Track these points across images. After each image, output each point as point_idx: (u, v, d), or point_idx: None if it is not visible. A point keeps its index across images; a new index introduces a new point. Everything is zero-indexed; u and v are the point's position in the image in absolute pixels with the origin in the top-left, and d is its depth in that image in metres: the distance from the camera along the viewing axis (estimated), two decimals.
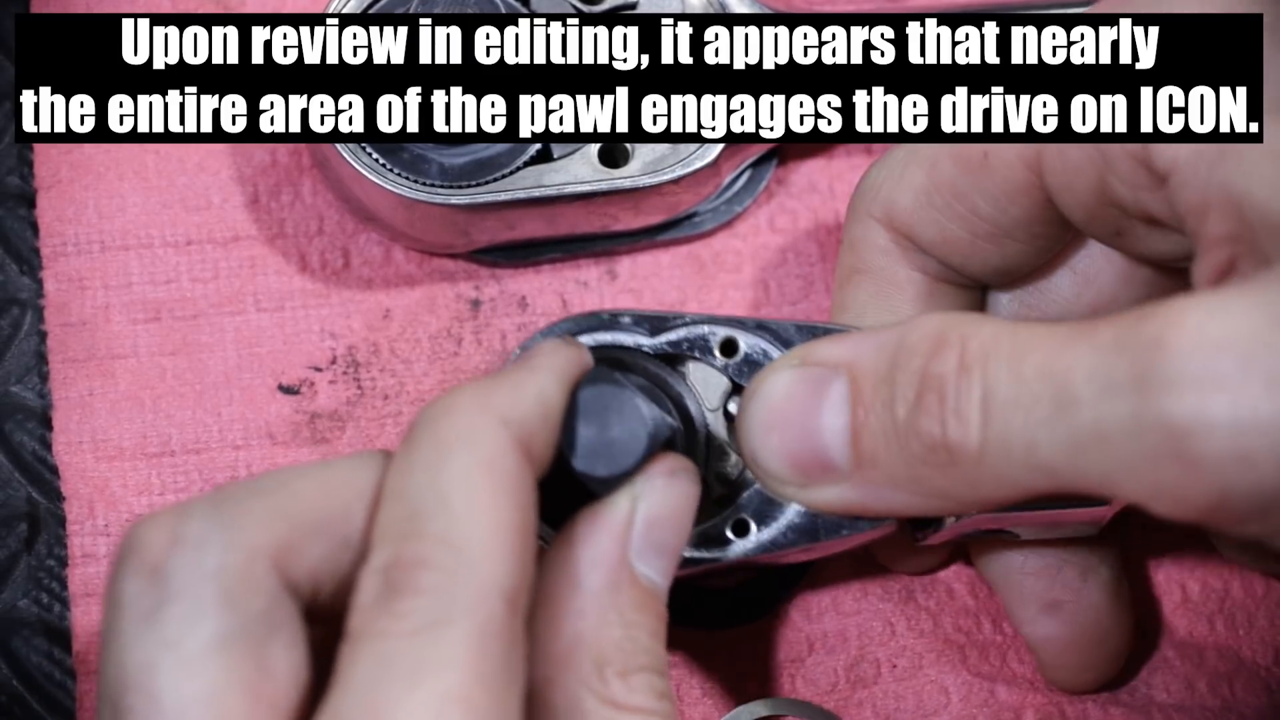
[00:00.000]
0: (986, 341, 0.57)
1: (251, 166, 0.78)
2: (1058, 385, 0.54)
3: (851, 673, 0.75)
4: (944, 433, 0.57)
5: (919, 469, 0.59)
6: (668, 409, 0.63)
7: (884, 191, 0.66)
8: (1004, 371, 0.56)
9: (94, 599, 0.73)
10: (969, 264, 0.66)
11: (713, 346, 0.66)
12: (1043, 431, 0.55)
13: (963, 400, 0.56)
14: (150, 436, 0.75)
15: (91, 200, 0.77)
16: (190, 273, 0.77)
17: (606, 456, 0.60)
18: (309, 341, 0.77)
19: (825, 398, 0.61)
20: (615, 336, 0.66)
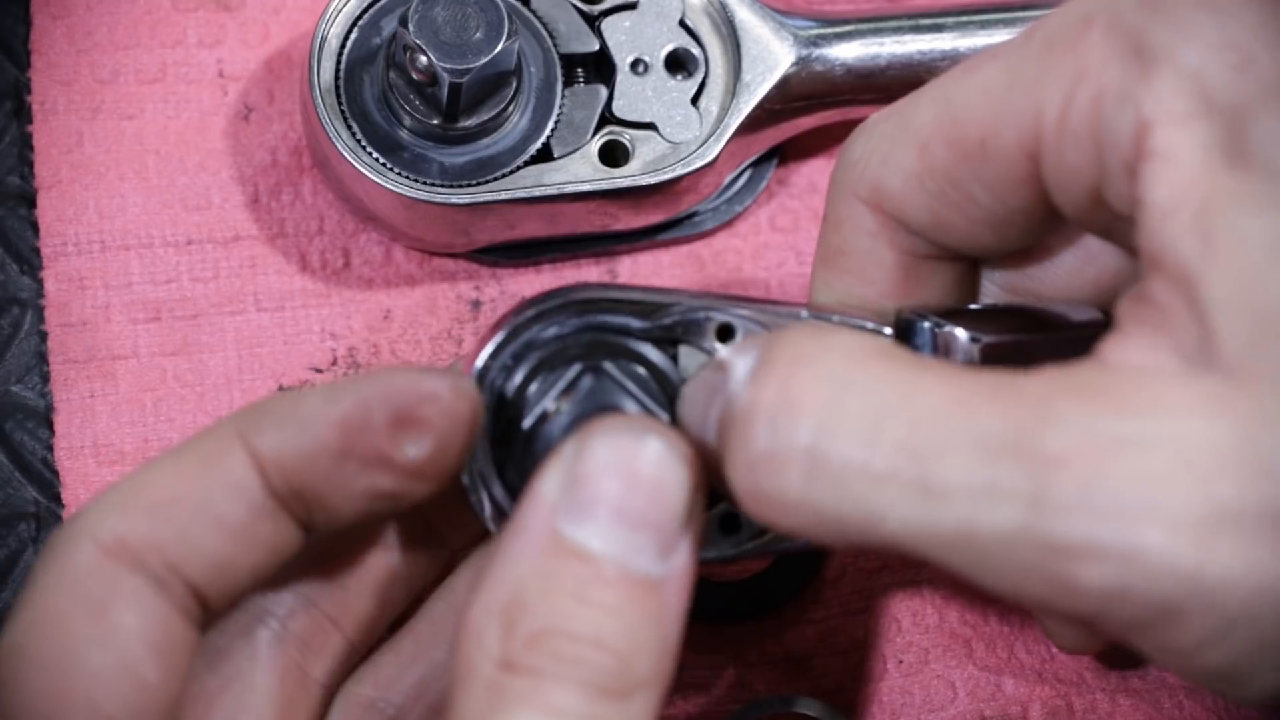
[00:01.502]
0: (835, 382, 0.51)
1: (252, 166, 0.78)
2: (924, 469, 0.49)
3: (858, 669, 0.75)
4: (750, 487, 0.52)
5: (756, 508, 0.53)
6: (660, 402, 0.60)
7: (870, 172, 0.61)
8: (853, 432, 0.50)
9: None
10: (964, 245, 0.62)
11: (708, 331, 0.60)
12: (896, 510, 0.50)
13: (780, 444, 0.51)
14: (151, 440, 0.75)
15: (92, 200, 0.77)
16: (191, 272, 0.77)
17: None
18: (309, 342, 0.77)
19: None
20: (603, 318, 0.60)
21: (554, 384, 0.59)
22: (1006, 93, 0.56)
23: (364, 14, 0.75)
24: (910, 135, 0.60)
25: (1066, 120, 0.55)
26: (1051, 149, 0.56)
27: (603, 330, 0.59)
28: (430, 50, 0.71)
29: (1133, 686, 0.75)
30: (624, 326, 0.59)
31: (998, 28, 0.77)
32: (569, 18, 0.76)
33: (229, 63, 0.79)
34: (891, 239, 0.62)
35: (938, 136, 0.59)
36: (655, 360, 0.59)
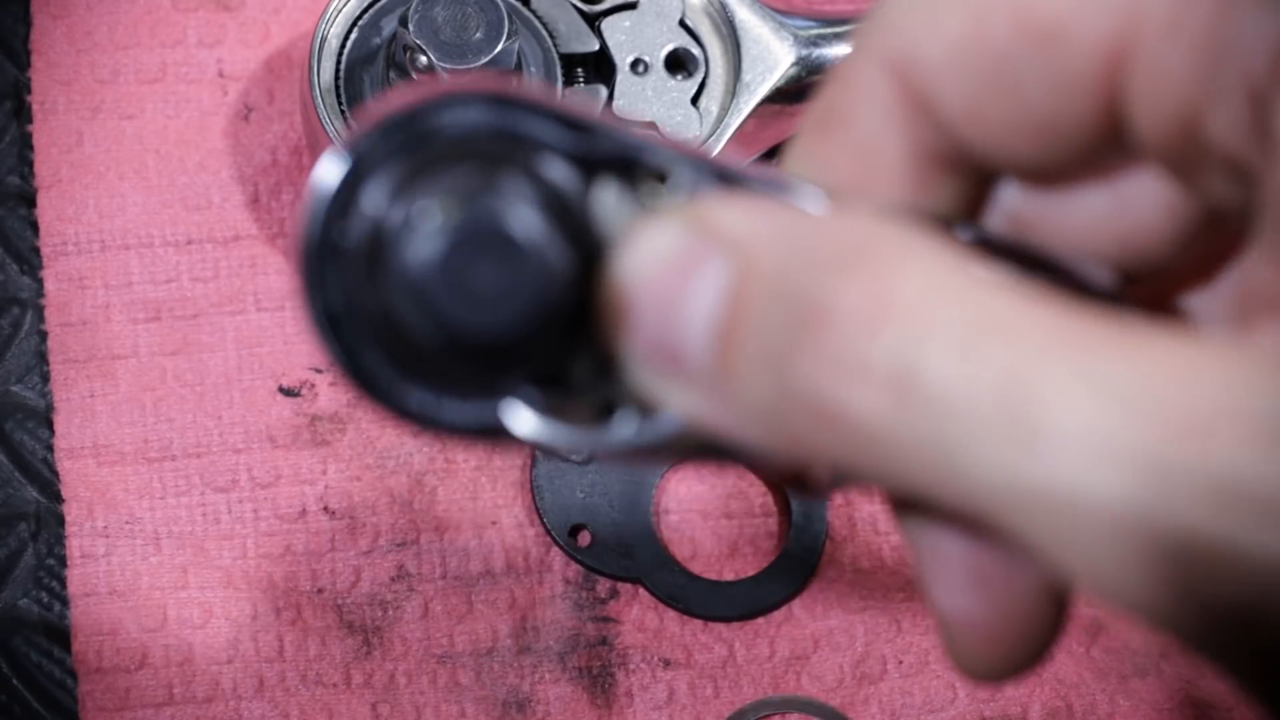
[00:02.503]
0: (936, 298, 0.40)
1: (252, 166, 0.78)
2: (1035, 413, 0.39)
3: (857, 669, 0.75)
4: (831, 392, 0.40)
5: (792, 415, 0.42)
6: (561, 233, 0.42)
7: (905, 32, 0.47)
8: (952, 358, 0.39)
9: (93, 599, 0.73)
10: (992, 148, 0.47)
11: (641, 172, 0.44)
12: (987, 455, 0.39)
13: (867, 359, 0.40)
14: (151, 440, 0.75)
15: (92, 199, 0.77)
16: (191, 272, 0.76)
17: (479, 302, 0.41)
18: (309, 342, 0.76)
19: (697, 276, 0.42)
20: (520, 124, 0.44)
21: (430, 186, 0.42)
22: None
23: (364, 14, 0.75)
24: (972, 5, 0.46)
25: (1180, 20, 0.44)
26: (1146, 51, 0.45)
27: (513, 137, 0.43)
28: (430, 50, 0.71)
29: (1132, 688, 0.75)
30: (539, 138, 0.43)
31: None
32: (569, 18, 0.76)
33: (229, 63, 0.79)
34: (905, 122, 0.48)
35: (1004, 6, 0.46)
36: (562, 182, 0.43)
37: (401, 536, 0.75)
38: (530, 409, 0.41)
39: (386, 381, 0.41)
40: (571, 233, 0.42)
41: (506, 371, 0.41)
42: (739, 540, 0.76)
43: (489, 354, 0.40)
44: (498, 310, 0.40)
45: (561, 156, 0.43)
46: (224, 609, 0.73)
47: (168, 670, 0.72)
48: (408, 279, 0.40)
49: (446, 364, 0.41)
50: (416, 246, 0.40)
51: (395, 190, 0.41)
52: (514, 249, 0.40)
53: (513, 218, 0.40)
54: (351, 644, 0.74)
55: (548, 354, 0.41)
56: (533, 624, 0.74)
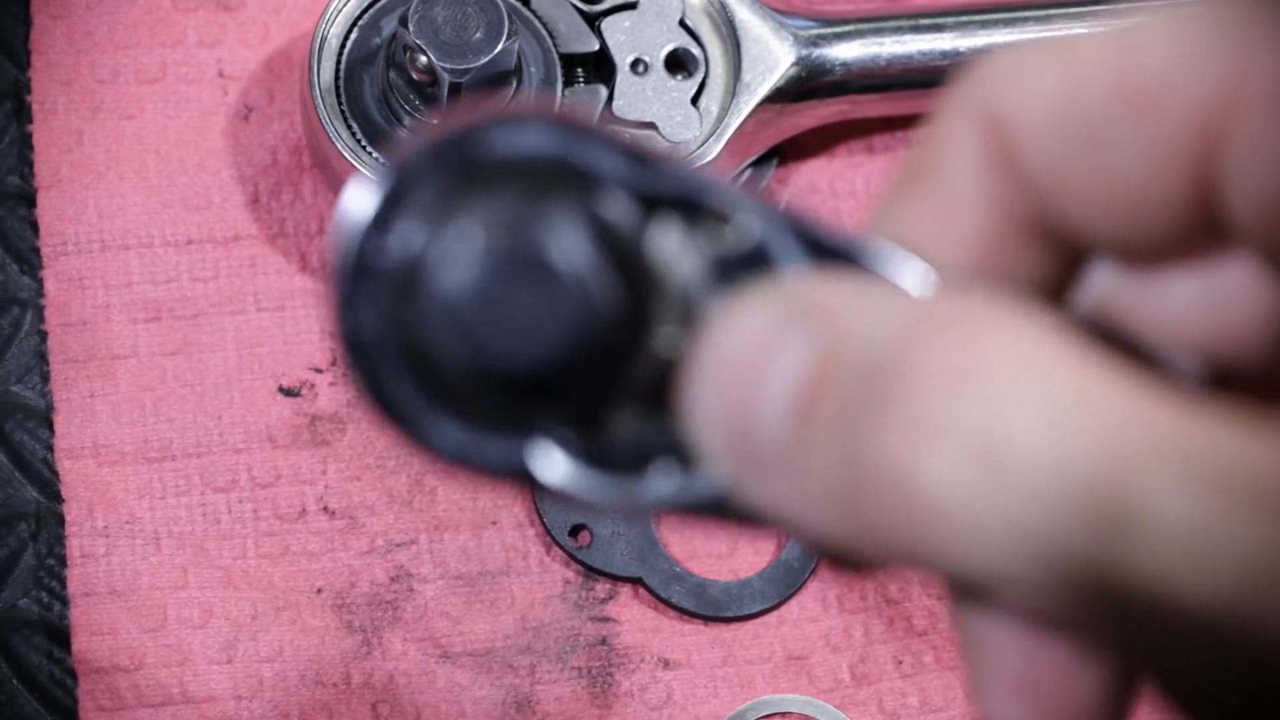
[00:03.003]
0: (1027, 366, 0.37)
1: (252, 166, 0.77)
2: (1127, 509, 0.35)
3: (857, 670, 0.75)
4: (905, 456, 0.37)
5: (859, 488, 0.38)
6: (617, 274, 0.40)
7: (999, 87, 0.43)
8: (1042, 430, 0.36)
9: (93, 598, 0.73)
10: (1078, 222, 0.44)
11: (704, 210, 0.41)
12: (1068, 550, 0.35)
13: (946, 422, 0.37)
14: (151, 440, 0.74)
15: (92, 200, 0.76)
16: (191, 272, 0.76)
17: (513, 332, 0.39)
18: (309, 342, 0.76)
19: (781, 353, 0.39)
20: (579, 152, 0.41)
21: (474, 209, 0.39)
22: (1205, 37, 0.42)
23: (364, 14, 0.75)
24: (1069, 59, 0.43)
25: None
26: (1245, 126, 0.41)
27: (570, 165, 0.40)
28: (430, 50, 0.71)
29: None
30: (598, 169, 0.40)
31: (998, 28, 0.77)
32: (569, 18, 0.76)
33: (229, 63, 0.78)
34: (993, 181, 0.44)
35: (1102, 70, 0.43)
36: (618, 218, 0.40)
37: (401, 536, 0.75)
38: (563, 453, 0.39)
39: (414, 413, 0.39)
40: (624, 270, 0.40)
41: (540, 409, 0.39)
42: (738, 540, 0.76)
43: (521, 387, 0.38)
44: (533, 340, 0.38)
45: (620, 191, 0.40)
46: (224, 609, 0.73)
47: (167, 670, 0.72)
48: (443, 303, 0.38)
49: (477, 397, 0.39)
50: (454, 270, 0.38)
51: (438, 211, 0.39)
52: (556, 279, 0.38)
53: (558, 246, 0.38)
54: (351, 644, 0.73)
55: (586, 393, 0.39)
56: (532, 624, 0.74)
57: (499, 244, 0.38)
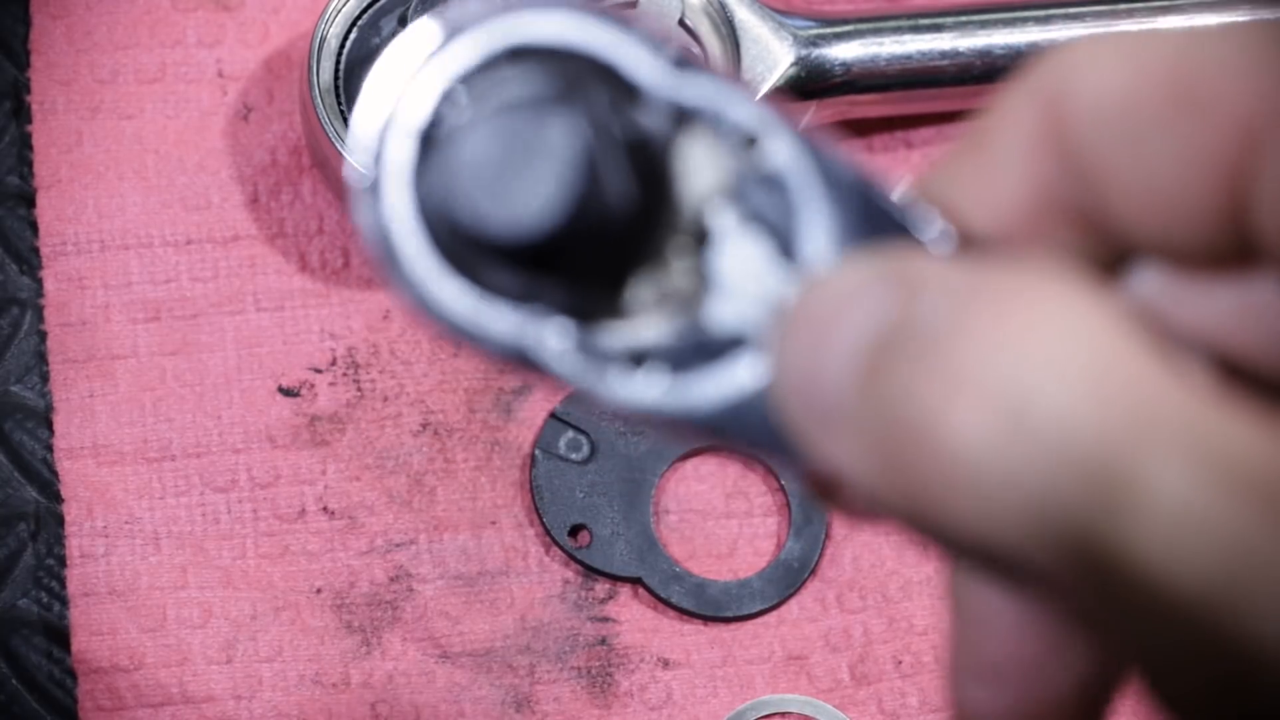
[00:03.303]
0: (1073, 332, 0.37)
1: (251, 166, 0.77)
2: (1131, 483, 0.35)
3: (856, 669, 0.75)
4: (933, 402, 0.37)
5: (886, 429, 0.38)
6: (628, 175, 0.41)
7: (1066, 71, 0.43)
8: (1076, 396, 0.36)
9: (92, 598, 0.73)
10: (1120, 215, 0.43)
11: (736, 130, 0.42)
12: (1074, 517, 0.35)
13: (981, 374, 0.37)
14: (151, 440, 0.74)
15: (91, 200, 0.76)
16: (190, 272, 0.76)
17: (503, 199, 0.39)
18: (309, 342, 0.76)
19: (860, 310, 0.40)
20: (608, 47, 0.42)
21: (500, 83, 0.41)
22: (1258, 50, 0.41)
23: (363, 14, 0.75)
24: (1130, 55, 0.43)
25: None
26: (1276, 145, 0.41)
27: (607, 63, 0.42)
28: None
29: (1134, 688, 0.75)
30: (634, 70, 0.41)
31: (997, 28, 0.76)
32: None
33: (228, 62, 0.78)
34: (1044, 162, 0.44)
35: (1160, 67, 0.42)
36: (645, 121, 0.41)
37: (401, 536, 0.75)
38: (561, 336, 0.41)
39: (422, 270, 0.40)
40: (638, 168, 0.41)
41: (541, 289, 0.40)
42: (738, 540, 0.76)
43: (519, 256, 0.40)
44: (528, 211, 0.39)
45: (650, 93, 0.42)
46: (223, 609, 0.73)
47: (167, 670, 0.72)
48: (454, 168, 0.39)
49: (484, 266, 0.40)
50: (470, 139, 0.39)
51: (469, 83, 0.41)
52: (562, 160, 0.39)
53: (569, 131, 0.39)
54: (351, 644, 0.73)
55: (586, 277, 0.41)
56: (532, 624, 0.74)
57: (517, 121, 0.39)
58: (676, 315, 0.41)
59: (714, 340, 0.41)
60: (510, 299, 0.40)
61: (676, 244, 0.42)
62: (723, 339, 0.41)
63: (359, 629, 0.73)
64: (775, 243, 0.41)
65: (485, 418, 0.76)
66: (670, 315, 0.42)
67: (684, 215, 0.42)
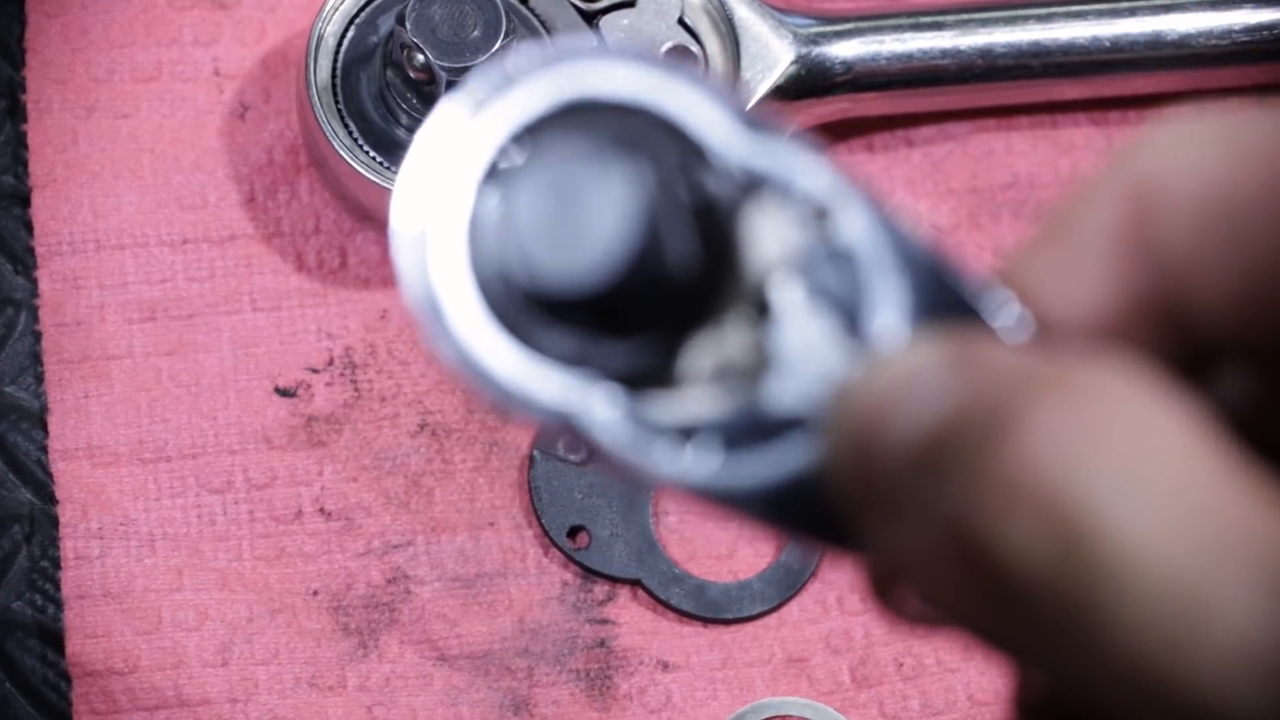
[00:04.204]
0: (1147, 445, 0.34)
1: (248, 165, 0.77)
2: (1204, 614, 0.33)
3: (857, 672, 0.74)
4: (985, 519, 0.35)
5: (935, 538, 0.36)
6: (688, 229, 0.40)
7: (1157, 159, 0.41)
8: (1141, 518, 0.34)
9: (87, 601, 0.72)
10: (1211, 314, 0.40)
11: (807, 200, 0.40)
12: (1133, 646, 0.33)
13: (1042, 487, 0.34)
14: (146, 441, 0.74)
15: (86, 199, 0.76)
16: (186, 272, 0.76)
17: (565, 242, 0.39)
18: (306, 342, 0.76)
19: (923, 394, 0.37)
20: (677, 104, 0.40)
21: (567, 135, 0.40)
22: None
23: (361, 12, 0.75)
24: (1225, 140, 0.41)
25: None
26: None
27: (676, 123, 0.40)
28: (427, 48, 0.71)
29: None
30: (703, 131, 0.40)
31: (998, 26, 0.76)
32: (567, 15, 0.76)
33: (225, 61, 0.78)
34: (1128, 253, 0.42)
35: (1260, 153, 0.40)
36: (712, 186, 0.40)
37: (398, 538, 0.74)
38: (610, 404, 0.39)
39: (469, 329, 0.39)
40: (702, 230, 0.40)
41: (592, 347, 0.39)
42: (738, 541, 0.76)
43: (571, 312, 0.38)
44: (583, 263, 0.38)
45: (721, 156, 0.40)
46: (219, 611, 0.73)
47: (162, 673, 0.72)
48: (506, 215, 0.38)
49: (532, 323, 0.39)
50: (526, 184, 0.39)
51: (531, 134, 0.40)
52: (620, 208, 0.38)
53: (626, 179, 0.39)
54: (347, 646, 0.73)
55: (640, 340, 0.39)
56: (530, 626, 0.74)
57: (579, 171, 0.38)
58: (732, 390, 0.40)
59: (770, 419, 0.39)
60: (559, 362, 0.39)
61: (737, 314, 0.40)
62: (779, 419, 0.39)
63: (356, 631, 0.73)
64: (842, 320, 0.39)
65: (483, 418, 0.75)
66: (725, 390, 0.40)
67: (747, 285, 0.40)
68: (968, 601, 0.36)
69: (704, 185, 0.40)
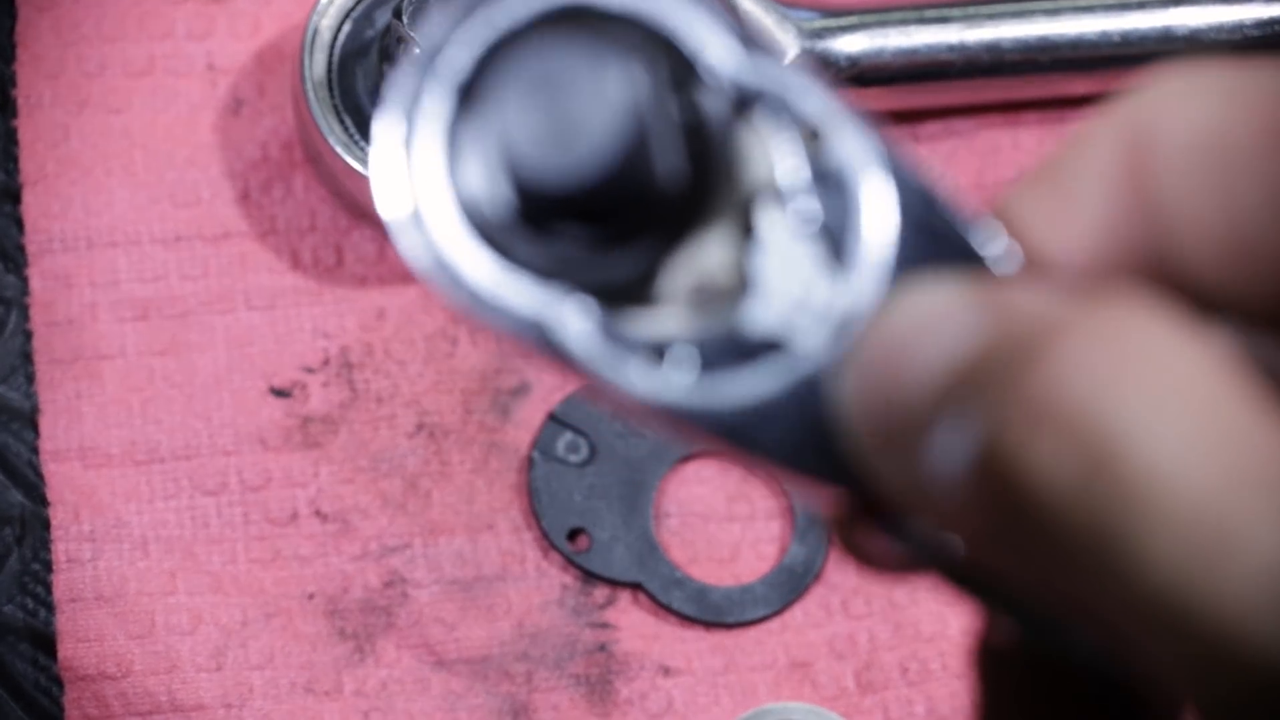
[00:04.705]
0: (1177, 370, 0.35)
1: (242, 161, 0.77)
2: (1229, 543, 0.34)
3: (862, 677, 0.74)
4: (1013, 436, 0.35)
5: (961, 474, 0.36)
6: (677, 141, 0.39)
7: (1154, 107, 0.41)
8: (1170, 442, 0.34)
9: (79, 604, 0.72)
10: (1200, 266, 0.41)
11: (795, 119, 0.40)
12: (1158, 574, 0.34)
13: (1072, 407, 0.35)
14: (139, 442, 0.74)
15: (78, 196, 0.76)
16: (179, 270, 0.76)
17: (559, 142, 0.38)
18: (301, 341, 0.76)
19: (945, 329, 0.38)
20: (671, 17, 0.40)
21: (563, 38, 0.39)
22: None
23: (357, 6, 0.75)
24: (1232, 90, 0.41)
25: None
26: None
27: (666, 42, 0.39)
28: None
29: None
30: (700, 48, 0.39)
31: (1005, 20, 0.76)
32: None
33: (219, 55, 0.78)
34: (1123, 201, 0.42)
35: (1266, 102, 0.40)
36: (709, 110, 0.39)
37: (395, 541, 0.74)
38: (585, 316, 0.39)
39: (445, 233, 0.38)
40: (691, 142, 0.39)
41: (570, 257, 0.39)
42: (741, 544, 0.76)
43: (550, 210, 0.38)
44: (563, 155, 0.37)
45: (715, 72, 0.39)
46: (213, 615, 0.72)
47: (155, 678, 0.72)
48: (489, 111, 0.38)
49: (509, 231, 0.38)
50: (508, 83, 0.38)
51: (515, 36, 0.39)
52: (609, 108, 0.37)
53: (616, 80, 0.38)
54: (343, 651, 0.73)
55: (619, 251, 0.39)
56: (529, 630, 0.74)
57: (565, 72, 0.38)
58: (710, 310, 0.40)
59: (747, 342, 0.39)
60: (535, 273, 0.39)
61: (720, 233, 0.40)
62: (756, 341, 0.39)
63: (352, 635, 0.73)
64: (827, 244, 0.39)
65: (482, 419, 0.75)
66: (703, 309, 0.40)
67: (732, 204, 0.40)
68: (985, 530, 0.36)
69: (696, 99, 0.39)
